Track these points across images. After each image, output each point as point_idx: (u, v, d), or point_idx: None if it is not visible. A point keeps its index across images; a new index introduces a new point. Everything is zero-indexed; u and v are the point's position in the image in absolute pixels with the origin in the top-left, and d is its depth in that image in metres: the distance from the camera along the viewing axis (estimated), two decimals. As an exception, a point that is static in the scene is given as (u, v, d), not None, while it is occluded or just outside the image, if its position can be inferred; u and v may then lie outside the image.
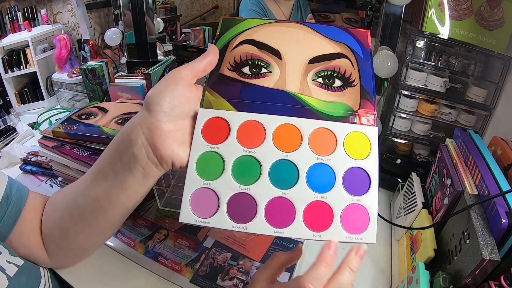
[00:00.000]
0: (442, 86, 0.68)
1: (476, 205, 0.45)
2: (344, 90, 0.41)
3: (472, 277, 0.40)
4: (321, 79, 0.42)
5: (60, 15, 1.21)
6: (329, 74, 0.42)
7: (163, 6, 1.24)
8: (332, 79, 0.42)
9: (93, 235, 0.47)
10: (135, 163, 0.39)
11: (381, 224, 0.67)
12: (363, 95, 0.41)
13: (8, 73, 1.03)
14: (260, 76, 0.42)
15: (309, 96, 0.40)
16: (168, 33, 1.30)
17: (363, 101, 0.41)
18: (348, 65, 0.42)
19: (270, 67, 0.42)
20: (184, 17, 1.27)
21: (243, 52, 0.43)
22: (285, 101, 0.40)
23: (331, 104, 0.40)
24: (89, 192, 0.43)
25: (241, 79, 0.41)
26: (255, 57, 0.42)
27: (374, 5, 0.90)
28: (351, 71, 0.42)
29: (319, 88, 0.41)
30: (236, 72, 0.42)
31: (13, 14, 1.04)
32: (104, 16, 1.26)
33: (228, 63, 0.43)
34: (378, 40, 0.73)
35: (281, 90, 0.41)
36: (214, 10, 1.22)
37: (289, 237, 0.62)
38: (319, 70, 0.42)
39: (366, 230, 0.38)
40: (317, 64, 0.42)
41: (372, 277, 0.57)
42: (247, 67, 0.42)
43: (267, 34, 0.44)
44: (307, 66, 0.42)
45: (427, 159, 0.76)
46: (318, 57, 0.42)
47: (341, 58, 0.42)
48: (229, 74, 0.42)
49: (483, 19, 0.63)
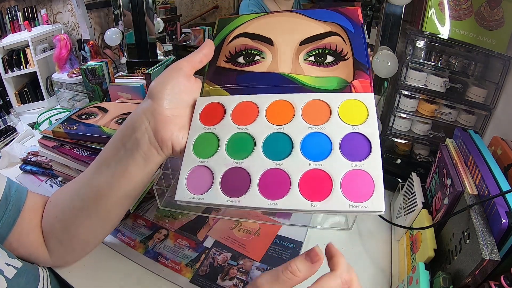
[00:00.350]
0: (442, 86, 0.68)
1: (476, 205, 0.45)
2: (337, 64, 0.42)
3: (472, 277, 0.40)
4: (312, 57, 0.43)
5: (60, 15, 1.21)
6: (320, 52, 0.43)
7: (163, 6, 1.24)
8: (323, 56, 0.43)
9: (94, 227, 0.48)
10: (137, 147, 0.41)
11: (381, 224, 0.67)
12: (356, 67, 0.41)
13: (8, 73, 1.03)
14: (254, 63, 0.44)
15: (302, 75, 0.42)
16: (168, 33, 1.30)
17: (358, 72, 0.41)
18: (339, 41, 0.43)
19: (263, 54, 0.44)
20: (184, 17, 1.27)
21: (237, 44, 0.45)
22: (278, 82, 0.42)
23: (324, 79, 0.41)
24: (91, 182, 0.44)
25: (236, 68, 0.44)
26: (249, 47, 0.45)
27: (374, 5, 0.90)
28: (342, 46, 0.43)
29: (311, 66, 0.43)
30: (232, 63, 0.45)
31: (13, 14, 1.04)
32: (104, 16, 1.26)
33: (224, 56, 0.45)
34: (378, 40, 0.73)
35: (274, 73, 0.43)
36: (214, 10, 1.22)
37: (288, 239, 0.62)
38: (310, 49, 0.43)
39: (371, 197, 0.33)
40: (308, 45, 0.44)
41: (372, 277, 0.57)
42: (241, 57, 0.45)
43: (259, 25, 0.46)
44: (298, 48, 0.44)
45: (427, 159, 0.76)
46: (309, 38, 0.44)
47: (332, 36, 0.43)
48: (226, 65, 0.45)
49: (483, 19, 0.62)
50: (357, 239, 0.64)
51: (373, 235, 0.65)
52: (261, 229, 0.64)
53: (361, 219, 0.68)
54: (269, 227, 0.65)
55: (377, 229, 0.66)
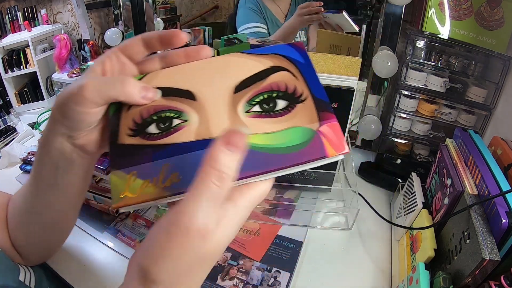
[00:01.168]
0: (442, 86, 0.68)
1: (476, 205, 0.45)
2: (293, 110, 0.32)
3: (472, 277, 0.40)
4: (257, 106, 0.32)
5: (60, 15, 1.21)
6: (267, 97, 0.32)
7: (163, 6, 1.24)
8: (272, 101, 0.32)
9: (49, 224, 0.44)
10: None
11: (381, 224, 0.67)
12: (319, 107, 0.31)
13: (8, 73, 1.03)
14: (174, 131, 0.31)
15: (248, 134, 0.30)
16: (168, 33, 1.30)
17: (322, 114, 0.31)
18: (288, 78, 0.33)
19: (184, 115, 0.32)
20: (184, 17, 1.27)
21: (142, 108, 0.32)
22: None
23: (281, 133, 0.30)
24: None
25: (149, 142, 0.31)
26: (160, 109, 0.32)
27: (374, 5, 0.90)
28: (294, 83, 0.33)
29: (258, 119, 0.31)
30: (140, 136, 0.31)
31: (13, 14, 1.04)
32: (104, 16, 1.26)
33: (127, 127, 0.32)
34: (378, 40, 0.73)
35: (206, 140, 0.30)
36: (214, 10, 1.22)
37: (288, 239, 0.62)
38: (251, 96, 0.32)
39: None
40: (246, 91, 0.32)
41: (372, 277, 0.57)
42: (152, 125, 0.31)
43: (169, 75, 0.34)
44: (234, 96, 0.32)
45: (427, 159, 0.76)
46: (245, 81, 0.33)
47: (277, 72, 0.33)
48: (132, 141, 0.31)
49: (483, 19, 0.63)
50: (357, 239, 0.64)
51: (373, 235, 0.65)
52: (261, 229, 0.64)
53: (361, 219, 0.68)
54: (269, 227, 0.65)
55: (377, 229, 0.66)
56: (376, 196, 0.75)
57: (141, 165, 0.29)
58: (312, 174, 0.71)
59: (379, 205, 0.70)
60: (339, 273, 0.57)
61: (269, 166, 0.28)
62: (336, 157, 0.30)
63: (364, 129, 0.77)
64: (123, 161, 0.30)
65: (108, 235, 0.62)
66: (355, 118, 0.86)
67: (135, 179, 0.29)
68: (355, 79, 0.63)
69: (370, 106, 0.82)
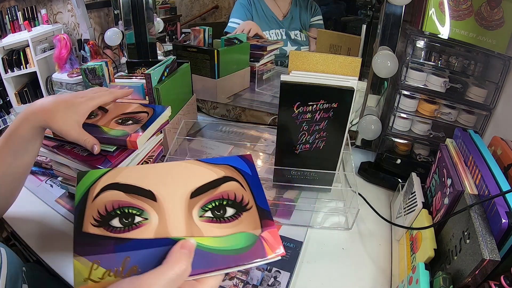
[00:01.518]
0: (442, 86, 0.68)
1: (476, 205, 0.45)
2: (239, 217, 0.36)
3: (472, 277, 0.40)
4: (209, 212, 0.36)
5: (60, 15, 1.21)
6: (218, 205, 0.37)
7: (163, 6, 1.24)
8: (222, 209, 0.37)
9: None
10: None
11: (381, 224, 0.67)
12: (262, 215, 0.37)
13: (8, 73, 1.03)
14: (135, 227, 0.34)
15: (201, 237, 0.34)
16: (168, 33, 1.30)
17: (265, 221, 0.36)
18: (237, 188, 0.38)
19: (145, 214, 0.35)
20: (184, 17, 1.27)
21: (107, 200, 0.35)
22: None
23: (228, 237, 0.35)
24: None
25: (112, 235, 0.33)
26: (124, 204, 0.35)
27: (374, 5, 0.90)
28: (242, 193, 0.38)
29: (210, 223, 0.35)
30: (104, 227, 0.34)
31: (13, 14, 1.04)
32: (104, 16, 1.26)
33: (92, 217, 0.34)
34: (378, 40, 0.73)
35: (165, 239, 0.33)
36: (214, 10, 1.22)
37: (288, 239, 0.62)
38: (205, 202, 0.37)
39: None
40: (201, 197, 0.37)
41: (372, 277, 0.57)
42: (116, 219, 0.34)
43: (134, 174, 0.38)
44: (190, 201, 0.36)
45: (427, 159, 0.76)
46: (200, 188, 0.37)
47: (227, 182, 0.38)
48: (95, 231, 0.33)
49: (483, 19, 0.62)
50: (357, 239, 0.64)
51: (373, 235, 0.65)
52: (261, 229, 0.64)
53: (361, 219, 0.68)
54: (269, 227, 0.65)
55: (377, 229, 0.66)
56: (376, 196, 0.75)
57: (104, 255, 0.32)
58: (312, 174, 0.71)
59: (379, 205, 0.71)
60: (339, 273, 0.57)
61: (218, 265, 0.33)
62: (274, 258, 0.34)
63: (364, 129, 0.77)
64: (87, 248, 0.32)
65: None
66: (355, 118, 0.86)
67: (97, 267, 0.31)
68: (355, 79, 0.63)
69: (370, 106, 0.82)
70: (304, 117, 0.63)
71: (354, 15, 0.96)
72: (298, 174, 0.71)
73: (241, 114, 1.07)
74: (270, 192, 0.74)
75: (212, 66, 0.98)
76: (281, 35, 1.07)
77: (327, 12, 1.02)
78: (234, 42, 1.02)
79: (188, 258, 0.31)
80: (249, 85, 1.09)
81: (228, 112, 1.08)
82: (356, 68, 0.64)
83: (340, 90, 0.60)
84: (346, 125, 0.64)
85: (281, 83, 0.60)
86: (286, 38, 1.07)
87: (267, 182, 0.76)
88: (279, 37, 1.07)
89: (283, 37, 1.07)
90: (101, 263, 0.32)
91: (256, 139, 0.94)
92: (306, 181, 0.72)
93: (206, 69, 1.00)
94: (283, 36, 1.07)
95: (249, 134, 0.97)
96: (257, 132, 0.97)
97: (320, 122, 0.63)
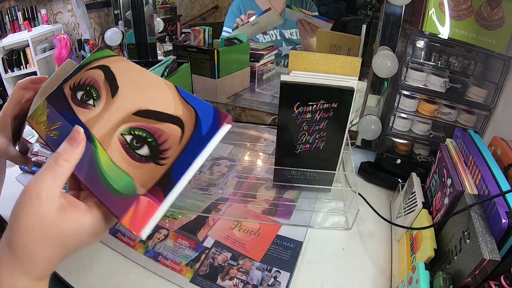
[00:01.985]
0: (442, 86, 0.68)
1: (476, 205, 0.45)
2: (144, 163, 0.32)
3: (472, 277, 0.40)
4: (130, 137, 0.34)
5: (60, 15, 1.21)
6: (142, 136, 0.33)
7: (163, 6, 1.24)
8: (141, 142, 0.33)
9: None
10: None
11: (381, 224, 0.67)
12: (163, 182, 0.31)
13: (8, 73, 1.03)
14: (84, 106, 0.38)
15: (104, 150, 0.34)
16: (168, 33, 1.30)
17: (156, 189, 0.31)
18: (174, 137, 0.32)
19: (98, 101, 0.38)
20: (184, 17, 1.27)
21: (89, 76, 0.40)
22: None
23: (118, 172, 0.32)
24: None
25: (70, 103, 0.39)
26: (93, 84, 0.39)
27: (374, 5, 0.90)
28: (171, 145, 0.32)
29: (120, 146, 0.34)
30: (72, 94, 0.39)
31: (13, 14, 1.04)
32: (104, 16, 1.26)
33: (74, 82, 0.40)
34: (378, 40, 0.73)
35: (87, 129, 0.36)
36: (214, 10, 1.22)
37: (288, 239, 0.62)
38: (135, 126, 0.34)
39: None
40: (139, 119, 0.34)
41: (372, 277, 0.57)
42: (81, 92, 0.39)
43: (124, 68, 0.39)
44: (130, 117, 0.35)
45: (427, 159, 0.76)
46: (148, 111, 0.35)
47: (173, 124, 0.33)
48: (67, 93, 0.40)
49: (483, 19, 0.62)
50: (357, 239, 0.64)
51: (373, 235, 0.65)
52: (261, 229, 0.64)
53: (361, 219, 0.68)
54: (269, 227, 0.65)
55: (377, 229, 0.66)
56: (376, 196, 0.75)
57: (55, 110, 0.39)
58: (312, 174, 0.71)
59: (379, 205, 0.70)
60: (339, 273, 0.57)
61: (93, 187, 0.33)
62: (127, 227, 0.30)
63: (364, 129, 0.77)
64: (54, 100, 0.40)
65: (108, 234, 0.62)
66: (355, 118, 0.86)
67: (45, 115, 0.39)
68: (355, 79, 0.63)
69: (370, 106, 0.82)
70: (304, 117, 0.63)
71: (354, 15, 0.96)
72: (298, 174, 0.71)
73: (241, 114, 1.07)
74: (270, 192, 0.74)
75: (212, 66, 0.98)
76: (275, 36, 1.07)
77: (327, 12, 1.02)
78: (234, 42, 1.02)
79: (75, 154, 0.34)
80: (249, 85, 1.09)
81: (228, 112, 1.09)
82: (356, 68, 0.64)
83: (340, 90, 0.60)
84: (346, 125, 0.64)
85: (281, 83, 0.60)
86: (280, 38, 1.07)
87: (267, 182, 0.76)
88: (273, 38, 1.07)
89: (278, 37, 1.07)
90: (48, 113, 0.39)
91: (256, 139, 0.94)
92: (306, 181, 0.72)
93: (206, 69, 1.00)
94: (278, 36, 1.07)
95: (249, 134, 0.97)
96: (257, 132, 0.97)
97: (320, 122, 0.63)
